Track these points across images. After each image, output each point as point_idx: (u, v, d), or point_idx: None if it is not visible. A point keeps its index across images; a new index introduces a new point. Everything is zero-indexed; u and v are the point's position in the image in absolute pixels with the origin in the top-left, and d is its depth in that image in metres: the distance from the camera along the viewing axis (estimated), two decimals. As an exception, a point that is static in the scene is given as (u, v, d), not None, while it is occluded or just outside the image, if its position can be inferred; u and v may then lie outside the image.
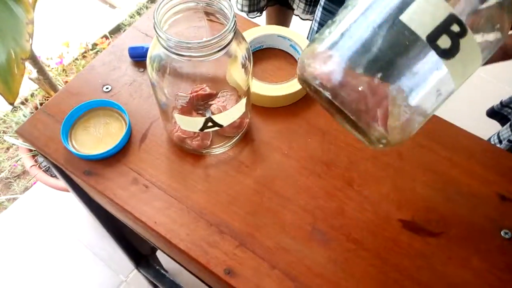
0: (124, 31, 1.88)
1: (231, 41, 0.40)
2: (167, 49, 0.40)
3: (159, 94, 0.47)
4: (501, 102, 0.77)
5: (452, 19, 0.29)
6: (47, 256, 1.25)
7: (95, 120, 0.54)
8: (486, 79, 1.62)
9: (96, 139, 0.53)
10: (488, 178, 0.52)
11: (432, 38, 0.30)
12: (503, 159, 0.53)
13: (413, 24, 0.30)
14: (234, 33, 0.40)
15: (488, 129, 0.83)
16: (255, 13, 1.11)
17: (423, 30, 0.30)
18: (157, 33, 0.39)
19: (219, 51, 0.40)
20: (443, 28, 0.29)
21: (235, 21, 0.39)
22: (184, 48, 0.39)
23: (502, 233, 0.48)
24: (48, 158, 0.54)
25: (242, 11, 1.09)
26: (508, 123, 0.74)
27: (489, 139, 0.76)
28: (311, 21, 0.95)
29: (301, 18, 1.15)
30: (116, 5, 2.00)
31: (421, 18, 0.30)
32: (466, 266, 0.46)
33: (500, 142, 0.72)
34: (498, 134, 0.74)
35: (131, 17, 1.91)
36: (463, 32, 0.30)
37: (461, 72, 0.32)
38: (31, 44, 0.49)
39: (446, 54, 0.30)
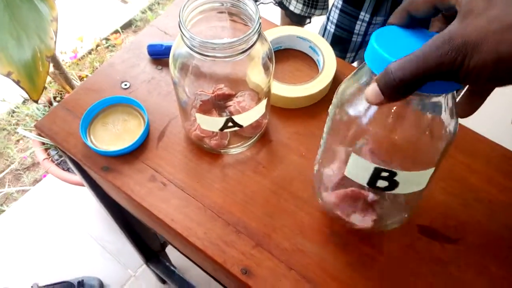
0: (135, 26, 1.89)
1: (255, 42, 0.40)
2: (191, 49, 0.40)
3: (180, 92, 0.47)
4: None
5: (378, 170, 0.36)
6: (56, 248, 1.26)
7: (113, 117, 0.55)
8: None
9: (114, 135, 0.53)
10: (506, 185, 0.51)
11: (372, 185, 0.38)
12: (522, 167, 0.53)
13: (354, 177, 0.39)
14: (259, 35, 0.40)
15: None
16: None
17: (362, 181, 0.38)
18: (182, 32, 0.39)
19: (243, 52, 0.40)
20: (375, 176, 0.37)
21: (260, 23, 0.39)
22: (209, 48, 0.39)
23: (520, 241, 0.48)
24: (67, 153, 0.54)
25: None
26: None
27: None
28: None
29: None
30: (128, 0, 2.00)
31: (357, 172, 0.38)
32: (483, 273, 0.46)
33: None
34: None
35: (142, 12, 1.92)
36: (393, 174, 0.36)
37: (410, 186, 0.39)
38: (55, 42, 0.49)
39: (388, 189, 0.38)
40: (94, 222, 1.30)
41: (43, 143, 1.09)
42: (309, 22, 1.17)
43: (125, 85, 0.58)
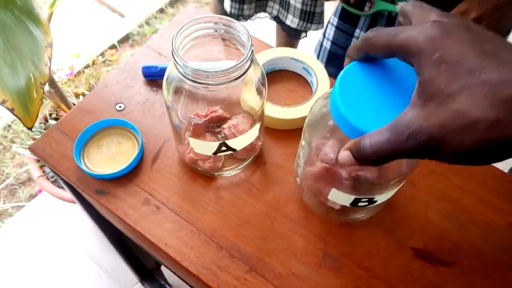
0: (132, 40, 1.90)
1: (248, 69, 0.40)
2: (184, 76, 0.40)
3: (173, 116, 0.47)
4: None
5: (357, 199, 0.42)
6: (51, 266, 1.25)
7: (108, 139, 0.55)
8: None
9: (108, 158, 0.53)
10: (501, 207, 0.51)
11: (354, 205, 0.44)
12: (516, 188, 0.53)
13: (337, 201, 0.44)
14: (251, 62, 0.41)
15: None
16: (239, 18, 1.10)
17: (347, 203, 0.44)
18: (175, 60, 0.39)
19: (236, 79, 0.40)
20: (356, 202, 0.43)
21: (252, 50, 0.40)
22: (201, 76, 0.39)
23: (515, 264, 0.47)
24: (60, 176, 0.54)
25: (226, 11, 1.09)
26: None
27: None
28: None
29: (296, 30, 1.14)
30: (125, 14, 2.02)
31: (340, 199, 0.44)
32: (478, 297, 0.46)
33: None
34: None
35: (139, 26, 1.93)
36: (371, 199, 0.42)
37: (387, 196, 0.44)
38: (49, 68, 0.50)
39: (368, 205, 0.44)
40: (90, 240, 1.29)
41: (38, 160, 1.09)
42: (305, 36, 1.18)
43: (120, 107, 0.58)
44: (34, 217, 1.35)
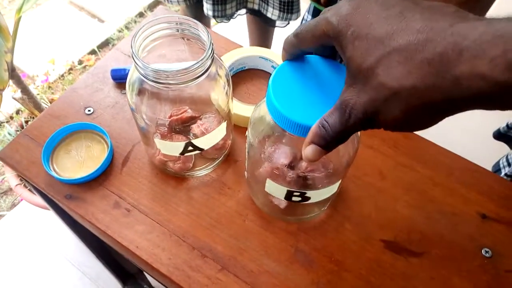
0: (112, 45, 1.88)
1: (209, 67, 0.40)
2: (145, 77, 0.40)
3: (138, 119, 0.47)
4: (507, 125, 0.76)
5: (290, 191, 0.43)
6: (34, 274, 1.23)
7: (76, 143, 0.54)
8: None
9: (77, 162, 0.53)
10: (468, 196, 0.52)
11: (288, 198, 0.44)
12: (483, 178, 0.54)
13: (273, 193, 0.45)
14: (212, 60, 0.41)
15: (498, 149, 0.83)
16: (222, 19, 1.10)
17: (281, 196, 0.44)
18: (135, 61, 0.39)
19: (198, 77, 0.40)
20: (289, 194, 0.43)
21: (212, 48, 0.40)
22: (162, 76, 0.39)
23: (483, 252, 0.48)
24: (30, 182, 0.53)
25: (207, 15, 1.09)
26: None
27: (498, 162, 0.75)
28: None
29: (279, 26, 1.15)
30: (104, 19, 2.00)
31: (275, 191, 0.44)
32: (448, 285, 0.46)
33: (509, 164, 0.72)
34: (507, 156, 0.74)
35: (119, 31, 1.92)
36: (304, 193, 0.43)
37: (322, 196, 0.45)
38: (9, 74, 0.49)
39: (302, 201, 0.44)
40: (72, 247, 1.27)
41: (16, 168, 1.07)
42: (288, 24, 1.19)
43: (89, 110, 0.58)
44: (16, 226, 1.33)
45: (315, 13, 0.86)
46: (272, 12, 1.08)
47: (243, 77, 0.62)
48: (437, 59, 0.23)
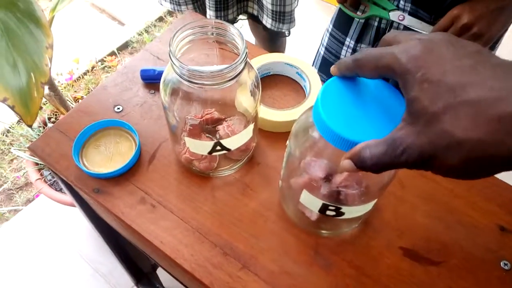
0: (132, 48, 1.92)
1: (241, 71, 0.42)
2: (180, 76, 0.41)
3: (170, 117, 0.48)
4: None
5: (326, 205, 0.43)
6: (47, 269, 1.25)
7: (106, 139, 0.56)
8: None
9: (106, 157, 0.55)
10: (488, 209, 0.53)
11: (322, 211, 0.44)
12: (502, 191, 0.54)
13: (307, 205, 0.45)
14: (245, 64, 0.42)
15: None
16: None
17: (315, 209, 0.45)
18: (172, 61, 0.41)
19: (230, 80, 0.41)
20: (324, 208, 0.43)
21: (246, 52, 0.41)
22: (197, 77, 0.40)
23: (501, 264, 0.49)
24: (59, 175, 0.55)
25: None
26: None
27: None
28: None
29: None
30: (124, 22, 2.04)
31: (309, 203, 0.45)
32: (465, 296, 0.47)
33: None
34: None
35: (139, 34, 1.95)
36: (339, 208, 0.43)
37: (356, 213, 0.45)
38: (50, 69, 0.51)
39: (336, 216, 0.45)
40: (86, 244, 1.29)
41: (37, 164, 1.10)
42: (288, 35, 1.20)
43: (118, 108, 0.60)
44: (31, 221, 1.36)
45: (337, 22, 0.88)
46: (266, 20, 1.10)
47: (268, 82, 0.63)
48: (508, 117, 0.24)
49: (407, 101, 0.29)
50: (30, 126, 0.51)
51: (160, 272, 1.07)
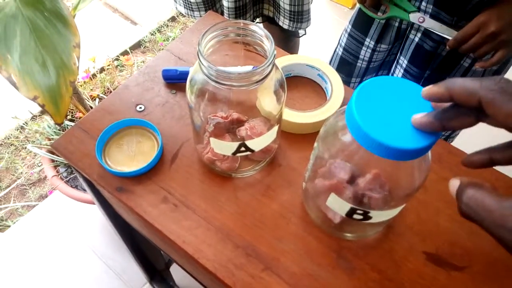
0: (144, 47, 1.93)
1: (269, 73, 0.42)
2: (208, 77, 0.41)
3: (195, 116, 0.49)
4: None
5: (354, 209, 0.42)
6: (60, 265, 1.26)
7: (128, 138, 0.56)
8: None
9: (128, 156, 0.55)
10: (512, 214, 0.52)
11: (349, 215, 0.44)
12: (527, 196, 0.54)
13: (334, 208, 0.45)
14: (273, 66, 0.42)
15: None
16: None
17: (342, 212, 0.44)
18: (200, 61, 0.41)
19: (257, 82, 0.42)
20: (351, 211, 0.43)
21: (274, 55, 0.41)
22: (225, 78, 0.40)
23: (526, 270, 0.48)
24: (81, 173, 0.55)
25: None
26: None
27: None
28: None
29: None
30: (137, 21, 2.05)
31: (336, 206, 0.44)
32: (489, 302, 0.46)
33: None
34: None
35: (151, 34, 1.96)
36: (367, 212, 0.42)
37: (383, 218, 0.45)
38: (78, 67, 0.52)
39: (363, 220, 0.44)
40: (99, 240, 1.30)
41: (53, 160, 1.11)
42: (304, 34, 1.20)
43: (140, 108, 0.60)
44: (44, 217, 1.37)
45: (356, 22, 0.87)
46: (283, 21, 1.10)
47: (289, 84, 0.63)
48: None
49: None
50: (60, 124, 0.51)
51: (173, 270, 1.08)
